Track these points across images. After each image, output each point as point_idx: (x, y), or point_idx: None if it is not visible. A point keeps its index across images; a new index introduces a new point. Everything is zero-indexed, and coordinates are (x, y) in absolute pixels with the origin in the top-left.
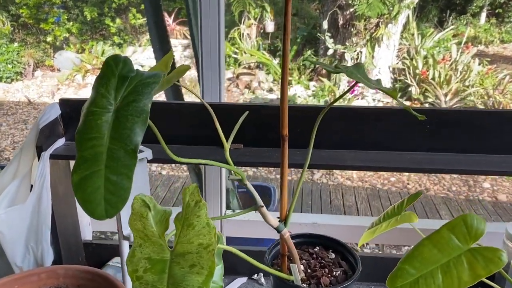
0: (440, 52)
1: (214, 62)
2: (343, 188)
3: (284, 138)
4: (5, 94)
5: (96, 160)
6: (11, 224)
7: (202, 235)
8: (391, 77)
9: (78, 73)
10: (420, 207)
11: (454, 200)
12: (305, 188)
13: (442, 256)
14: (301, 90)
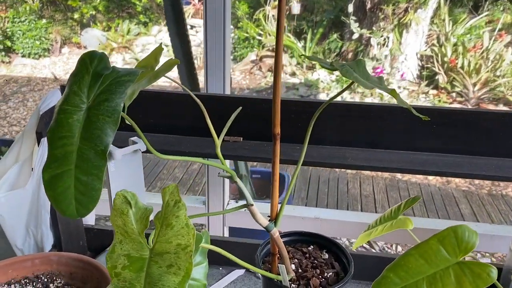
0: (471, 40)
1: (218, 51)
2: (361, 177)
3: (276, 136)
4: (33, 70)
5: (66, 159)
6: (11, 208)
7: (181, 236)
8: (418, 64)
9: (103, 51)
10: (439, 199)
11: (475, 194)
12: (322, 176)
13: (428, 267)
14: (325, 75)
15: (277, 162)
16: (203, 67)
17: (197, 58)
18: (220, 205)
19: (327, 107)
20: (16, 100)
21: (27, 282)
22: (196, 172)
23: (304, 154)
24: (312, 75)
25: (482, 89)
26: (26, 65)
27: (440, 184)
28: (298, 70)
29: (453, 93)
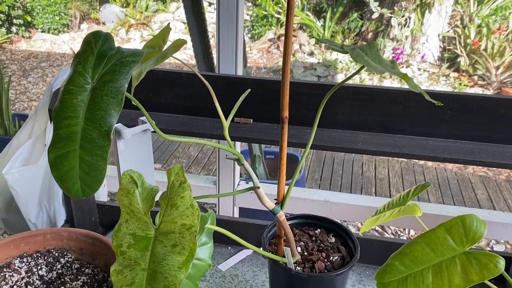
0: (496, 21)
1: (231, 31)
2: (377, 160)
3: (284, 120)
4: (52, 45)
5: (71, 139)
6: (25, 183)
7: (186, 216)
8: (439, 46)
9: (122, 27)
10: (455, 184)
11: (493, 179)
12: (337, 157)
13: (434, 256)
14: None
15: (284, 146)
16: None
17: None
18: (230, 186)
19: (339, 90)
20: (36, 75)
21: (38, 256)
22: (210, 151)
23: (313, 137)
24: (331, 54)
25: (505, 72)
26: (46, 40)
27: (456, 169)
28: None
29: (474, 76)
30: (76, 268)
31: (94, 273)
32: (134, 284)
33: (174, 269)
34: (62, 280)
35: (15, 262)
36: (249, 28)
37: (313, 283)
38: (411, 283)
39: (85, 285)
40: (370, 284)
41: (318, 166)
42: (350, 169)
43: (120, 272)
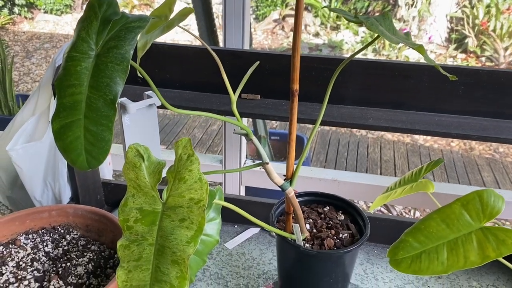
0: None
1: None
2: (382, 142)
3: (294, 93)
4: (55, 26)
5: (75, 108)
6: (29, 160)
7: (194, 190)
8: (447, 27)
9: (125, 7)
10: (461, 166)
11: (499, 162)
12: (342, 139)
13: (450, 232)
14: (350, 36)
15: (294, 120)
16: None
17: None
18: (236, 165)
19: (349, 65)
20: (39, 56)
21: (44, 232)
22: (215, 132)
23: (323, 113)
24: (336, 35)
25: None
26: (49, 21)
27: (463, 151)
28: (322, 30)
29: (482, 57)
30: (82, 245)
31: (101, 250)
32: (141, 259)
33: (182, 244)
34: (68, 256)
35: (21, 238)
36: (253, 9)
37: (322, 260)
38: (425, 260)
39: (91, 262)
40: (378, 263)
41: (323, 148)
42: (356, 151)
43: (127, 247)
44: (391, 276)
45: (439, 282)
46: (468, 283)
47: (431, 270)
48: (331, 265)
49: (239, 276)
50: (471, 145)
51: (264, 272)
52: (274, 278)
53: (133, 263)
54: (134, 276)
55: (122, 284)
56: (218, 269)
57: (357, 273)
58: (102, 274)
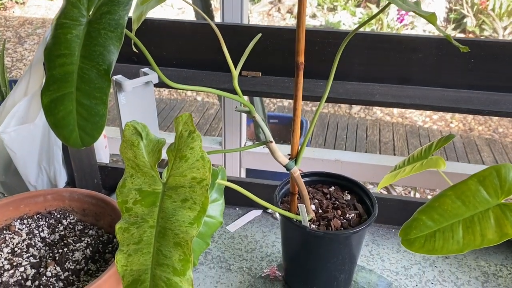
0: None
1: None
2: (381, 124)
3: (299, 66)
4: (47, 11)
5: (66, 80)
6: (22, 143)
7: (196, 169)
8: (446, 7)
9: None
10: (461, 147)
11: (499, 142)
12: (341, 122)
13: (466, 210)
14: (347, 16)
15: (299, 96)
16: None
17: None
18: (237, 146)
19: (354, 39)
20: (32, 42)
21: (39, 217)
22: (212, 117)
23: (329, 89)
24: (334, 16)
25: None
26: (40, 6)
27: (462, 132)
28: (318, 11)
29: (481, 37)
30: (79, 229)
31: (99, 235)
32: (141, 242)
33: (185, 225)
34: (65, 241)
35: (15, 224)
36: None
37: (329, 241)
38: (439, 239)
39: (89, 247)
40: (384, 244)
41: (322, 131)
42: (354, 133)
43: (126, 230)
44: (398, 257)
45: (447, 262)
46: (476, 263)
47: (446, 250)
48: (338, 246)
49: (242, 259)
50: (470, 126)
51: (267, 254)
52: (278, 261)
53: (133, 246)
54: (134, 260)
55: (121, 269)
56: (220, 253)
57: (363, 254)
58: (101, 259)
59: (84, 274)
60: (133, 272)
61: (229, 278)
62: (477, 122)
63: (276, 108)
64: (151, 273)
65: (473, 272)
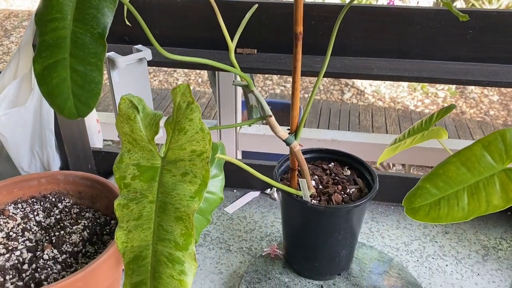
0: None
1: None
2: (373, 109)
3: (298, 36)
4: (33, 3)
5: (59, 46)
6: (13, 127)
7: (196, 141)
8: None
9: None
10: (453, 130)
11: (490, 124)
12: (333, 108)
13: (471, 176)
14: None
15: (298, 67)
16: None
17: None
18: (232, 129)
19: (350, 12)
20: (18, 35)
21: (34, 201)
22: (205, 105)
23: (327, 62)
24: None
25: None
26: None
27: (454, 115)
28: None
29: None
30: (75, 212)
31: (95, 217)
32: (141, 218)
33: (186, 199)
34: (62, 225)
35: (9, 208)
36: None
37: (330, 216)
38: (444, 206)
39: (87, 229)
40: (383, 221)
41: (315, 118)
42: (347, 119)
43: (125, 206)
44: (398, 234)
45: (447, 237)
46: (475, 237)
47: (451, 217)
48: (339, 221)
49: (242, 240)
50: (462, 109)
51: (267, 234)
52: (278, 240)
53: (133, 222)
54: (134, 236)
55: (122, 246)
56: (219, 234)
57: (363, 231)
58: (99, 241)
59: (82, 256)
60: (134, 249)
61: (229, 258)
62: (469, 105)
63: (268, 95)
64: (153, 249)
65: (473, 246)
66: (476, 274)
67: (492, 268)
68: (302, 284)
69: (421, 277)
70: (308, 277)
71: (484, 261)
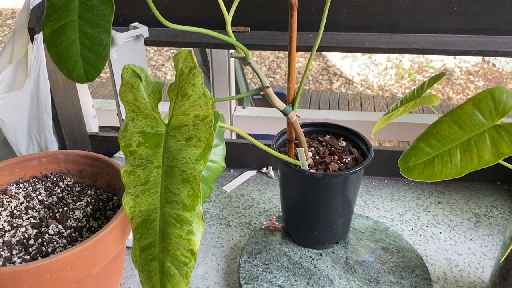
0: None
1: None
2: (362, 97)
3: (293, 6)
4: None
5: (68, 8)
6: (11, 111)
7: (198, 106)
8: None
9: None
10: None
11: None
12: (322, 97)
13: (462, 134)
14: None
15: (294, 37)
16: None
17: None
18: (227, 110)
19: None
20: (2, 33)
21: (35, 181)
22: None
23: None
24: None
25: None
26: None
27: (441, 101)
28: None
29: None
30: (77, 191)
31: (97, 194)
32: (148, 183)
33: (191, 162)
34: (64, 202)
35: (11, 188)
36: None
37: (328, 183)
38: (438, 164)
39: (89, 205)
40: (377, 194)
41: (305, 107)
42: (336, 108)
43: (131, 173)
44: (392, 205)
45: (440, 207)
46: (467, 206)
47: (444, 174)
48: (337, 188)
49: (241, 216)
50: (448, 95)
51: (265, 210)
52: (276, 215)
53: (140, 187)
54: (142, 200)
55: (130, 211)
56: (219, 211)
57: (358, 204)
58: (102, 217)
59: (87, 231)
60: (142, 213)
61: (230, 233)
62: (455, 91)
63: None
64: (161, 212)
65: (465, 214)
66: (468, 239)
67: (484, 233)
68: (302, 253)
69: (416, 244)
70: (307, 246)
71: (476, 227)
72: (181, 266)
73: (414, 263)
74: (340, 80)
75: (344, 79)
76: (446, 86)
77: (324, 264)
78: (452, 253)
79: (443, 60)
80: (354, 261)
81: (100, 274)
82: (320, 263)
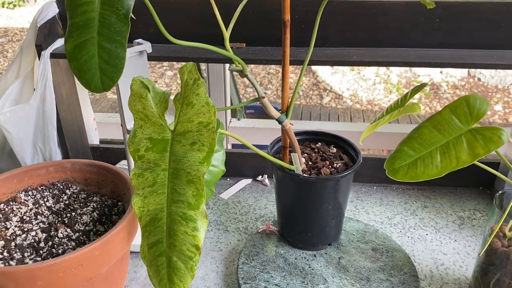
0: None
1: None
2: (352, 111)
3: (286, 23)
4: (9, 20)
5: (88, 26)
6: (17, 123)
7: (202, 114)
8: None
9: None
10: None
11: None
12: (313, 112)
13: (442, 137)
14: None
15: (287, 52)
16: None
17: None
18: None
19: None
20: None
21: (43, 189)
22: None
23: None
24: None
25: None
26: (1, 15)
27: (428, 115)
28: None
29: None
30: (83, 198)
31: (103, 200)
32: (156, 184)
33: (196, 164)
34: (72, 208)
35: (21, 195)
36: None
37: (320, 186)
38: (420, 165)
39: (96, 210)
40: (367, 199)
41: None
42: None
43: (140, 175)
44: (381, 210)
45: (426, 210)
46: (452, 210)
47: (426, 174)
48: (328, 191)
49: (238, 221)
50: (436, 108)
51: (261, 215)
52: (271, 220)
53: (148, 189)
54: (150, 200)
55: (139, 210)
56: (217, 217)
57: (349, 209)
58: (108, 221)
59: (94, 234)
60: (150, 212)
61: (228, 237)
62: (442, 104)
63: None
64: (167, 211)
65: (450, 217)
66: (453, 240)
67: (468, 235)
68: (297, 254)
69: (404, 245)
70: (302, 248)
71: (460, 229)
72: (187, 260)
73: (402, 262)
74: (330, 95)
75: (334, 94)
76: (433, 99)
77: (318, 264)
78: (438, 253)
79: (430, 75)
80: (346, 261)
81: (107, 274)
82: (314, 263)
